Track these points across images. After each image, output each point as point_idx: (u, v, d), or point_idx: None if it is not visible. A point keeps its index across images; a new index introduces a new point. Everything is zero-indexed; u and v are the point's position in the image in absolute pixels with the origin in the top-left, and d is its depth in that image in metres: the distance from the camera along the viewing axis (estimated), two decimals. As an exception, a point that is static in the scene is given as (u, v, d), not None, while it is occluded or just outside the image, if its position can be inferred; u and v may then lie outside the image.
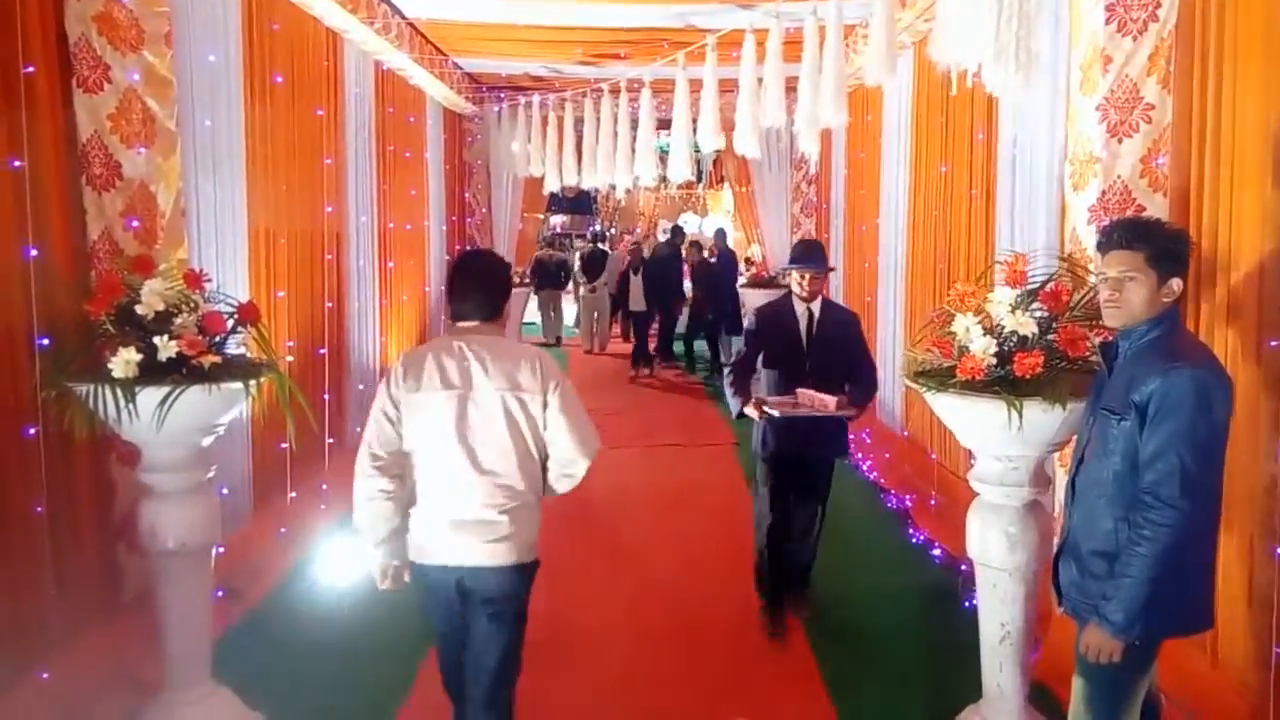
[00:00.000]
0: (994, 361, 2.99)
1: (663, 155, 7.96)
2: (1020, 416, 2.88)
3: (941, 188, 5.75)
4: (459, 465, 2.72)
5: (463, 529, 2.72)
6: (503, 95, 9.87)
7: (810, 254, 4.62)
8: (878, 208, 7.41)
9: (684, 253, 13.29)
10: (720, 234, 14.06)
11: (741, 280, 11.47)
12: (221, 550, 4.28)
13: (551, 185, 9.12)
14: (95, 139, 3.61)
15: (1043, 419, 2.93)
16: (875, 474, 6.98)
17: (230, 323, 3.34)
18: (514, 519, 2.74)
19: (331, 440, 5.68)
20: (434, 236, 8.93)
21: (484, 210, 10.89)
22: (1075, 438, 2.81)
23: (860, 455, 7.30)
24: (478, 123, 10.52)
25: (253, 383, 3.19)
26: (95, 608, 3.64)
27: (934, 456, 5.77)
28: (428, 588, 2.83)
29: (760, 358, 4.51)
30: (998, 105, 4.98)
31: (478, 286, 2.86)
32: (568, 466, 2.81)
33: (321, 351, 5.59)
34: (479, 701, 2.76)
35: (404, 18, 7.07)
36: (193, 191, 4.40)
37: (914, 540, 5.63)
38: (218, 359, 3.13)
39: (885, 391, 7.29)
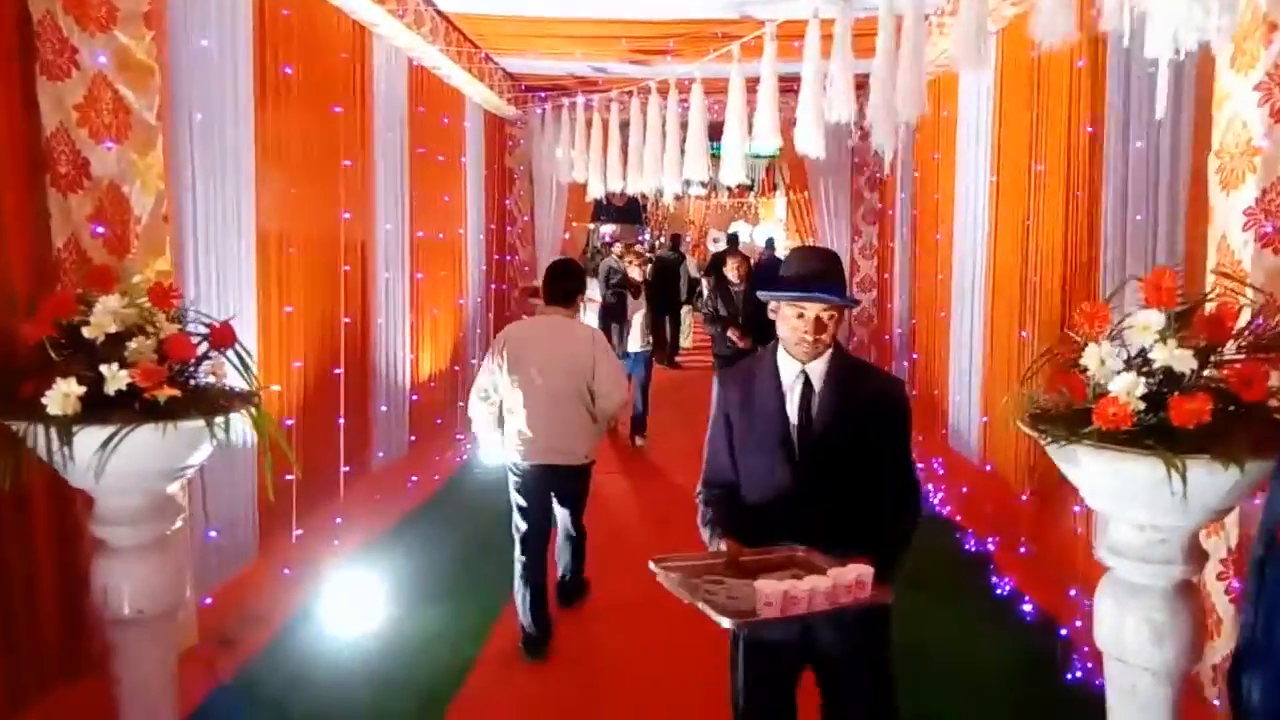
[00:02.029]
0: (1141, 406, 2.33)
1: (714, 159, 7.39)
2: (1184, 479, 2.21)
3: (1034, 190, 5.04)
4: (541, 400, 4.07)
5: (546, 442, 4.10)
6: (545, 97, 9.36)
7: (821, 272, 2.48)
8: (953, 214, 6.72)
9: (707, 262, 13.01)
10: (770, 242, 13.40)
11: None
12: (208, 602, 3.81)
13: (595, 191, 8.58)
14: (60, 132, 3.14)
15: (1208, 481, 2.26)
16: (948, 509, 6.27)
17: (201, 347, 2.81)
18: (580, 439, 4.20)
19: (348, 469, 5.16)
20: (471, 245, 8.42)
21: (526, 218, 10.38)
22: (1267, 506, 2.13)
23: (932, 487, 6.59)
24: (520, 127, 10.02)
25: (219, 421, 2.65)
26: (52, 673, 3.14)
27: (1025, 498, 5.05)
28: (524, 475, 4.17)
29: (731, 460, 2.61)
30: (1105, 93, 4.29)
31: (560, 282, 4.26)
32: (604, 400, 4.19)
33: (337, 371, 5.08)
34: (570, 526, 4.51)
35: (438, 11, 6.60)
36: (187, 194, 3.93)
37: (999, 591, 4.93)
38: (176, 392, 2.60)
39: (960, 417, 6.59)
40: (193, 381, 2.80)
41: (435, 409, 7.19)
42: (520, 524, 4.21)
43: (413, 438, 6.55)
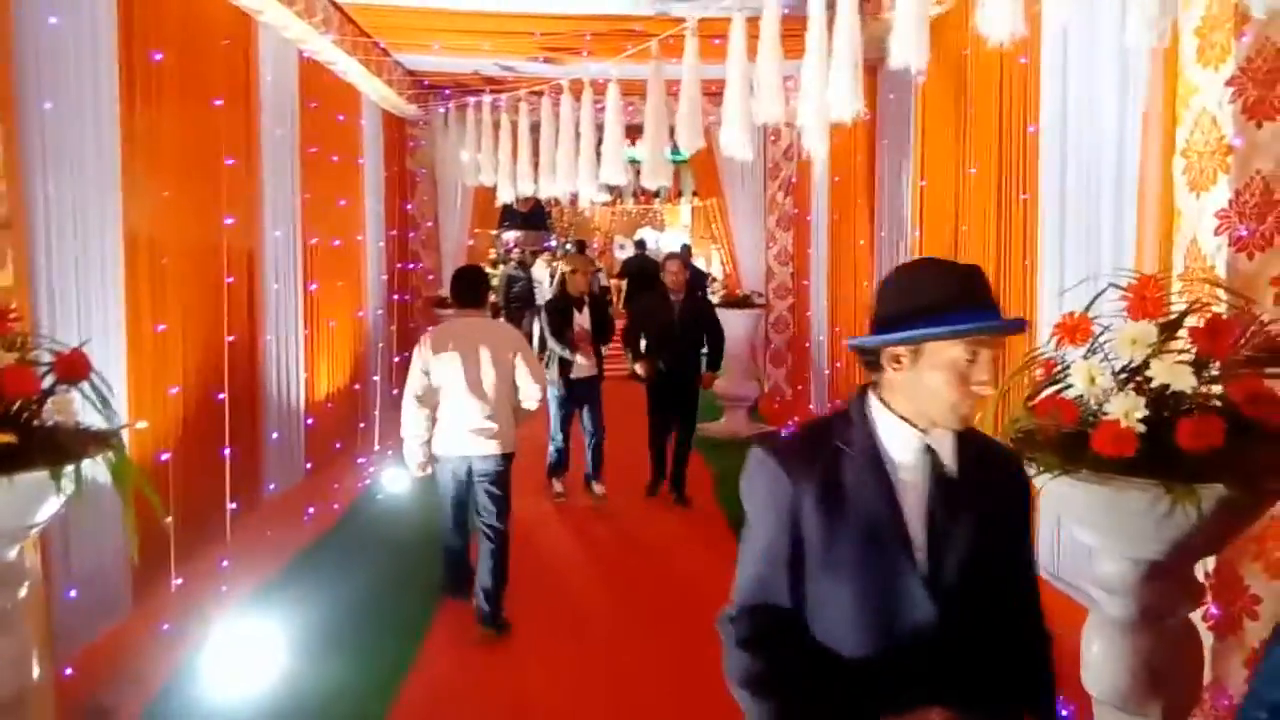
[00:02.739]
0: (1142, 429, 2.10)
1: (631, 164, 7.08)
2: (1199, 510, 1.99)
3: (971, 195, 4.88)
4: (467, 394, 4.37)
5: (471, 432, 4.40)
6: (449, 95, 8.89)
7: (987, 289, 1.62)
8: (873, 220, 6.58)
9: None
10: (686, 249, 13.18)
11: (714, 300, 10.54)
12: (69, 673, 3.27)
13: (505, 196, 8.16)
14: None
15: (1217, 510, 2.04)
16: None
17: (46, 380, 2.33)
18: (501, 428, 4.44)
19: (234, 505, 4.61)
20: (371, 253, 7.87)
21: (429, 224, 9.85)
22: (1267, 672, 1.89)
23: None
24: (422, 127, 9.50)
25: (67, 470, 2.17)
26: None
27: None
28: (445, 469, 4.53)
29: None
30: (1041, 88, 4.15)
31: (471, 287, 4.64)
32: (527, 399, 4.53)
33: (221, 397, 4.52)
34: (494, 520, 4.48)
35: (331, 0, 6.10)
36: (37, 195, 3.38)
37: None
38: (11, 438, 2.11)
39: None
40: (37, 422, 2.31)
41: (333, 432, 6.63)
42: (446, 518, 4.72)
43: (309, 465, 5.99)
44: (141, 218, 3.97)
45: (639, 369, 6.61)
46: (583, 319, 6.48)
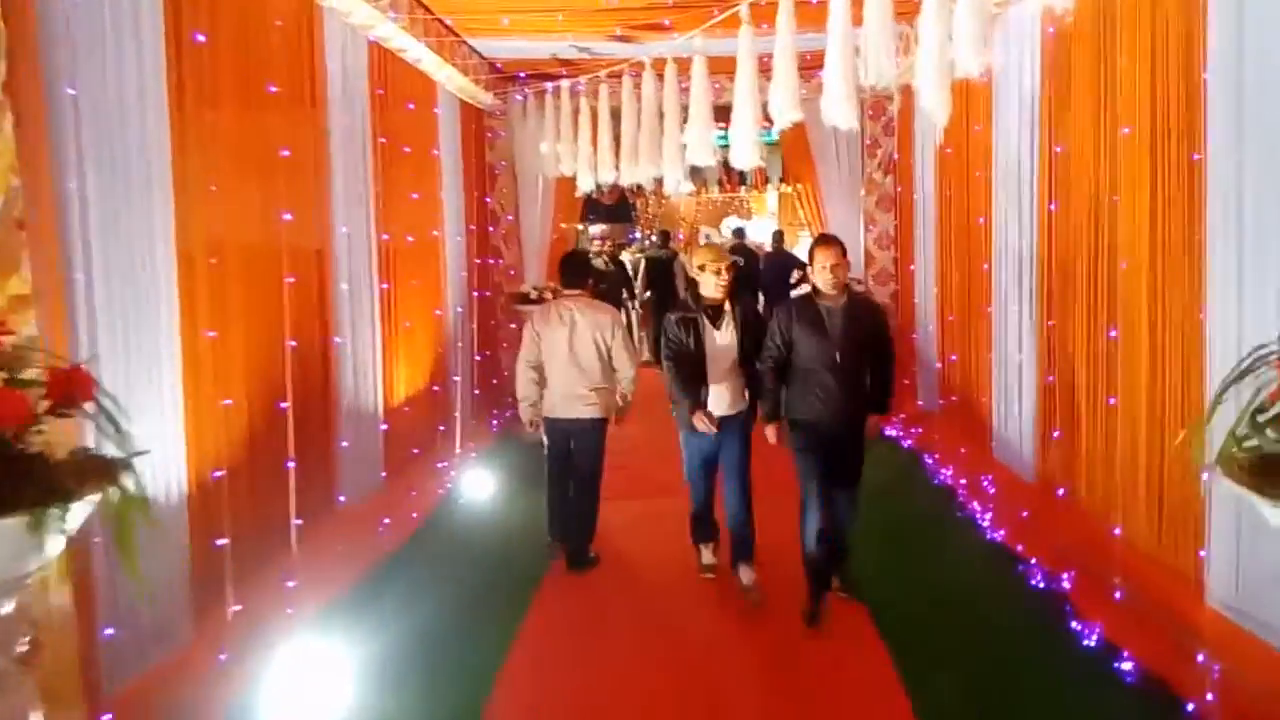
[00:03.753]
0: None
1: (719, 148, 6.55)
2: None
3: (1121, 159, 4.17)
4: (570, 366, 5.02)
5: (573, 398, 5.06)
6: (525, 81, 8.51)
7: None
8: (990, 195, 5.90)
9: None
10: (778, 235, 12.54)
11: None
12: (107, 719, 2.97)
13: (584, 185, 7.73)
14: None
15: None
16: (1002, 534, 5.44)
17: (42, 405, 1.98)
18: (598, 396, 5.09)
19: (300, 520, 4.29)
20: (449, 249, 7.55)
21: (510, 218, 9.52)
22: None
23: (978, 506, 5.78)
24: (500, 119, 9.16)
25: (53, 513, 1.81)
26: None
27: (1119, 531, 4.23)
28: (553, 429, 5.19)
29: None
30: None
31: (578, 271, 5.35)
32: (623, 377, 5.12)
33: (283, 406, 4.20)
34: (586, 475, 5.23)
35: (400, -17, 5.77)
36: (70, 191, 3.08)
37: (1083, 640, 4.10)
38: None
39: (1009, 428, 5.78)
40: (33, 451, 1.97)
41: (412, 437, 6.31)
42: (550, 465, 5.30)
43: (384, 474, 5.68)
44: (193, 216, 3.67)
45: (770, 436, 4.57)
46: (723, 337, 4.65)
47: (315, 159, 4.98)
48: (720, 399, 4.73)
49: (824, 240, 4.73)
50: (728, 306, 4.74)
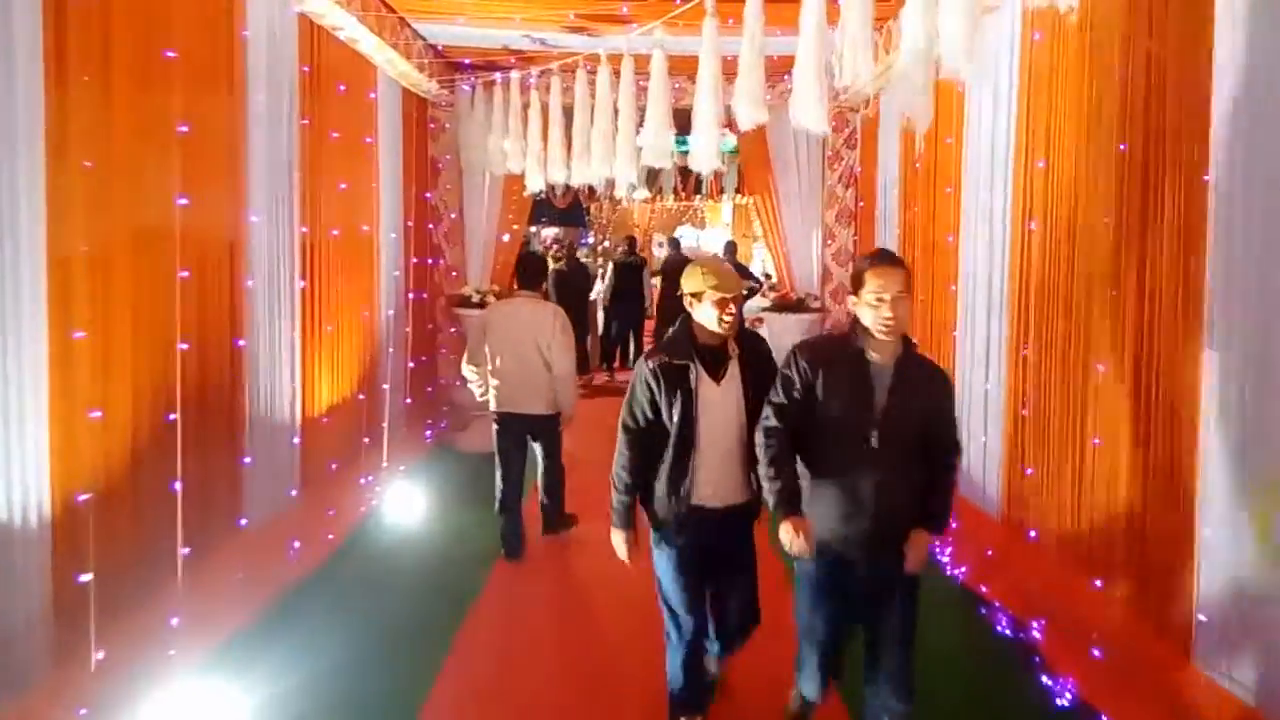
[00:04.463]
0: None
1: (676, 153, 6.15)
2: None
3: (1112, 176, 3.85)
4: (517, 362, 5.22)
5: (523, 393, 5.25)
6: (473, 71, 8.02)
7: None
8: (958, 214, 5.59)
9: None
10: (731, 246, 12.22)
11: (764, 303, 9.57)
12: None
13: (534, 185, 7.28)
14: None
15: None
16: (963, 572, 5.11)
17: None
18: (545, 390, 5.27)
19: (188, 549, 3.75)
20: (384, 247, 7.02)
21: (454, 216, 9.00)
22: None
23: (938, 545, 5.44)
24: (447, 109, 8.65)
25: None
26: None
27: (1099, 584, 3.90)
28: (505, 423, 5.31)
29: None
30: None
31: (534, 273, 5.62)
32: (561, 376, 5.26)
33: (171, 418, 3.66)
34: (545, 458, 5.48)
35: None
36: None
37: (1058, 699, 3.77)
38: None
39: (973, 462, 5.46)
40: None
41: (329, 450, 5.76)
42: (498, 463, 5.35)
43: (295, 491, 5.14)
44: (67, 195, 3.14)
45: (792, 541, 2.83)
46: (725, 393, 3.15)
47: (229, 140, 4.45)
48: (718, 484, 3.17)
49: (881, 260, 2.88)
50: (731, 348, 3.18)
